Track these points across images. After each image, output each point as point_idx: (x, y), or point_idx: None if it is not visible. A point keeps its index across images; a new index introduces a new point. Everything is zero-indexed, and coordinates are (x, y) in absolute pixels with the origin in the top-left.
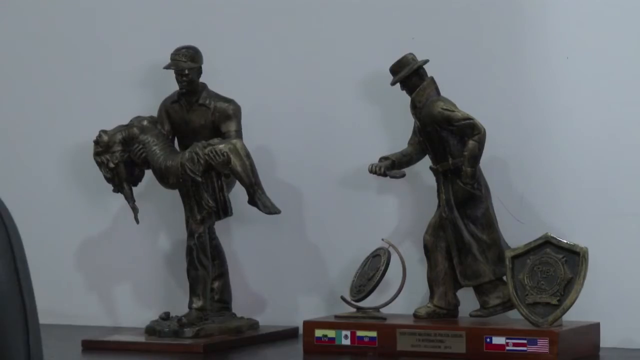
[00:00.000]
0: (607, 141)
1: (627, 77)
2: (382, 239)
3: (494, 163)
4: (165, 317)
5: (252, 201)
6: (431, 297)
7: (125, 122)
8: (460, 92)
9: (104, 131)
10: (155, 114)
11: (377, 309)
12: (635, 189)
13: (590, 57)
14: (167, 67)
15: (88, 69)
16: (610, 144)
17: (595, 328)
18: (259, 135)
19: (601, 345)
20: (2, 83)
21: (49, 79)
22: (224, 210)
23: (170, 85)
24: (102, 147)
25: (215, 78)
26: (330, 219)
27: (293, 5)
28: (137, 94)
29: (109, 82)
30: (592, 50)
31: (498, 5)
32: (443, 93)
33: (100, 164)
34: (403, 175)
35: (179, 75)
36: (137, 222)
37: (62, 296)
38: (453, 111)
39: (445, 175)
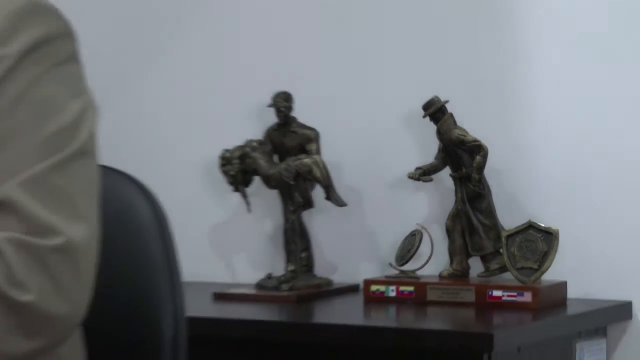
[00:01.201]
0: (575, 146)
1: (599, 88)
2: (417, 224)
3: (491, 171)
4: (269, 277)
5: (327, 197)
6: (451, 263)
7: (241, 143)
8: (467, 121)
9: (227, 150)
10: (262, 138)
11: (413, 271)
12: (599, 186)
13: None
14: (270, 106)
15: (218, 103)
16: (579, 149)
17: (563, 285)
18: (331, 151)
19: (567, 296)
20: (154, 108)
21: (190, 106)
22: (308, 204)
23: (272, 118)
24: (225, 161)
25: (301, 112)
26: (381, 210)
27: (357, 53)
28: (250, 123)
29: (232, 114)
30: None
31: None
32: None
33: (224, 173)
34: (431, 180)
35: (278, 111)
36: (249, 211)
37: (197, 262)
38: (465, 136)
39: (460, 180)
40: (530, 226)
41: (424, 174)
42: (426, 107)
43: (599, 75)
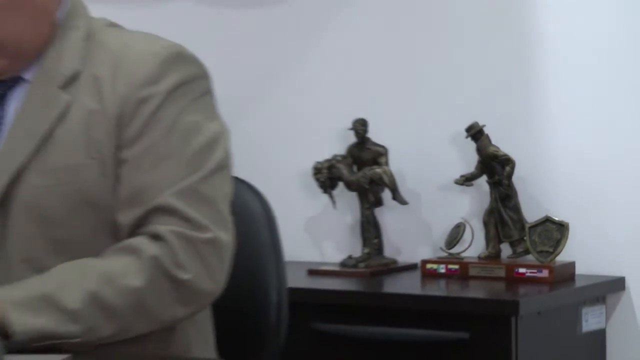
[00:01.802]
0: (581, 161)
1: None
2: (461, 218)
3: (517, 178)
4: (350, 258)
5: (393, 198)
6: (486, 248)
7: (329, 157)
8: (499, 139)
9: (318, 162)
10: (344, 153)
11: (458, 254)
12: (600, 188)
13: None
14: (350, 129)
15: (313, 127)
16: (584, 163)
17: (572, 264)
18: (396, 163)
19: (575, 273)
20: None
21: (293, 129)
22: (379, 202)
23: (352, 138)
24: (317, 170)
25: (374, 133)
26: (434, 207)
27: (417, 87)
28: (336, 142)
29: (323, 135)
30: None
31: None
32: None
33: (316, 179)
34: (472, 185)
35: (356, 133)
36: (335, 208)
37: (295, 246)
38: (497, 152)
39: (494, 185)
40: (547, 220)
41: (466, 180)
42: (468, 129)
43: (613, 93)
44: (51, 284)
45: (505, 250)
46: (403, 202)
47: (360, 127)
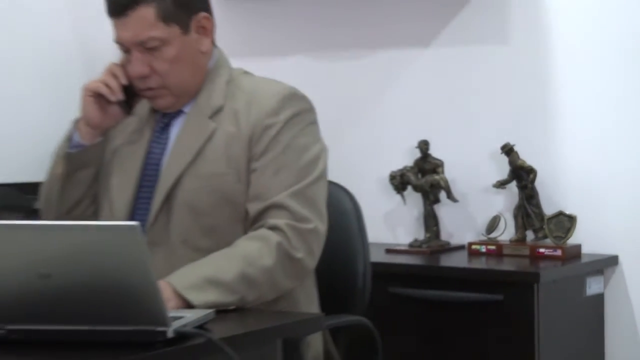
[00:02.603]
0: (587, 171)
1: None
2: (497, 212)
3: (538, 183)
4: (416, 240)
5: (448, 197)
6: (515, 233)
7: (401, 168)
8: (525, 153)
9: (393, 171)
10: (412, 165)
11: (495, 238)
12: (601, 186)
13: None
14: (417, 147)
15: (389, 147)
16: (591, 165)
17: (579, 246)
18: (450, 172)
19: (582, 252)
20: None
21: (378, 150)
22: (437, 200)
23: (417, 154)
24: (392, 177)
25: (433, 150)
26: (477, 204)
27: (464, 115)
28: (407, 157)
29: (396, 152)
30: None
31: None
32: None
33: (392, 184)
34: (505, 188)
35: (421, 150)
36: (405, 204)
37: (376, 232)
38: (524, 163)
39: (521, 188)
40: (560, 214)
41: (501, 185)
42: (503, 147)
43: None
44: (209, 269)
45: (529, 235)
46: (454, 200)
47: (423, 146)
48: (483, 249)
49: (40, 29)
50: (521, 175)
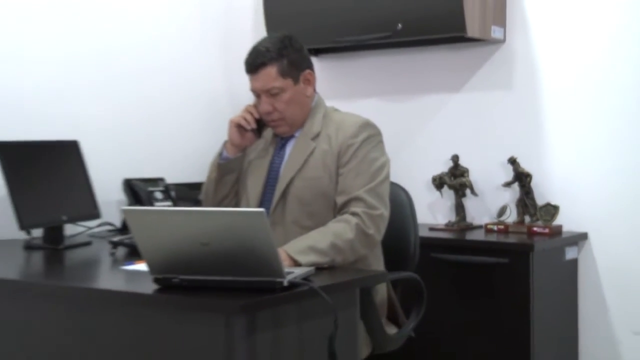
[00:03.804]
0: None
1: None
2: (505, 202)
3: (533, 184)
4: (449, 221)
5: (471, 193)
6: (517, 217)
7: (438, 173)
8: (525, 162)
9: (434, 175)
10: (447, 171)
11: (503, 220)
12: (578, 187)
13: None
14: (450, 159)
15: (430, 156)
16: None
17: (560, 226)
18: (473, 176)
19: (562, 230)
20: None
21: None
22: (464, 195)
23: (451, 163)
24: (434, 180)
25: (462, 160)
26: (491, 197)
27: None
28: (444, 166)
29: (436, 162)
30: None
31: None
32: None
33: (434, 184)
34: (510, 187)
35: (453, 161)
36: (442, 197)
37: (424, 216)
38: (523, 170)
39: (522, 187)
40: (548, 204)
41: (507, 185)
42: (509, 160)
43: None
44: (310, 240)
45: (527, 219)
46: (475, 195)
47: (455, 158)
48: (495, 228)
49: (201, 78)
50: (521, 178)
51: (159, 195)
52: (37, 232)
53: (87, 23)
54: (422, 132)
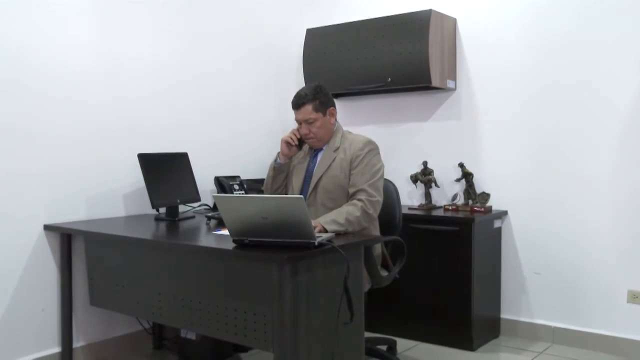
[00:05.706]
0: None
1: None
2: (456, 192)
3: (475, 179)
4: (421, 204)
5: (435, 185)
6: (464, 201)
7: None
8: (468, 166)
9: (412, 174)
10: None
11: (454, 203)
12: (504, 179)
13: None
14: (459, 166)
15: (434, 163)
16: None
17: (491, 206)
18: (436, 174)
19: (492, 209)
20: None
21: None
22: (430, 187)
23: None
24: (412, 176)
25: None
26: (450, 189)
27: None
28: (455, 173)
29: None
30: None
31: None
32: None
33: (412, 180)
34: (460, 181)
35: (462, 169)
36: (437, 187)
37: (403, 199)
38: (468, 170)
39: (467, 182)
40: (483, 192)
41: (458, 180)
42: (459, 164)
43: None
44: (333, 215)
45: (470, 203)
46: (438, 186)
47: (425, 163)
48: (450, 208)
49: (264, 111)
50: (467, 176)
51: (236, 186)
52: (162, 210)
53: (192, 79)
54: (403, 146)
